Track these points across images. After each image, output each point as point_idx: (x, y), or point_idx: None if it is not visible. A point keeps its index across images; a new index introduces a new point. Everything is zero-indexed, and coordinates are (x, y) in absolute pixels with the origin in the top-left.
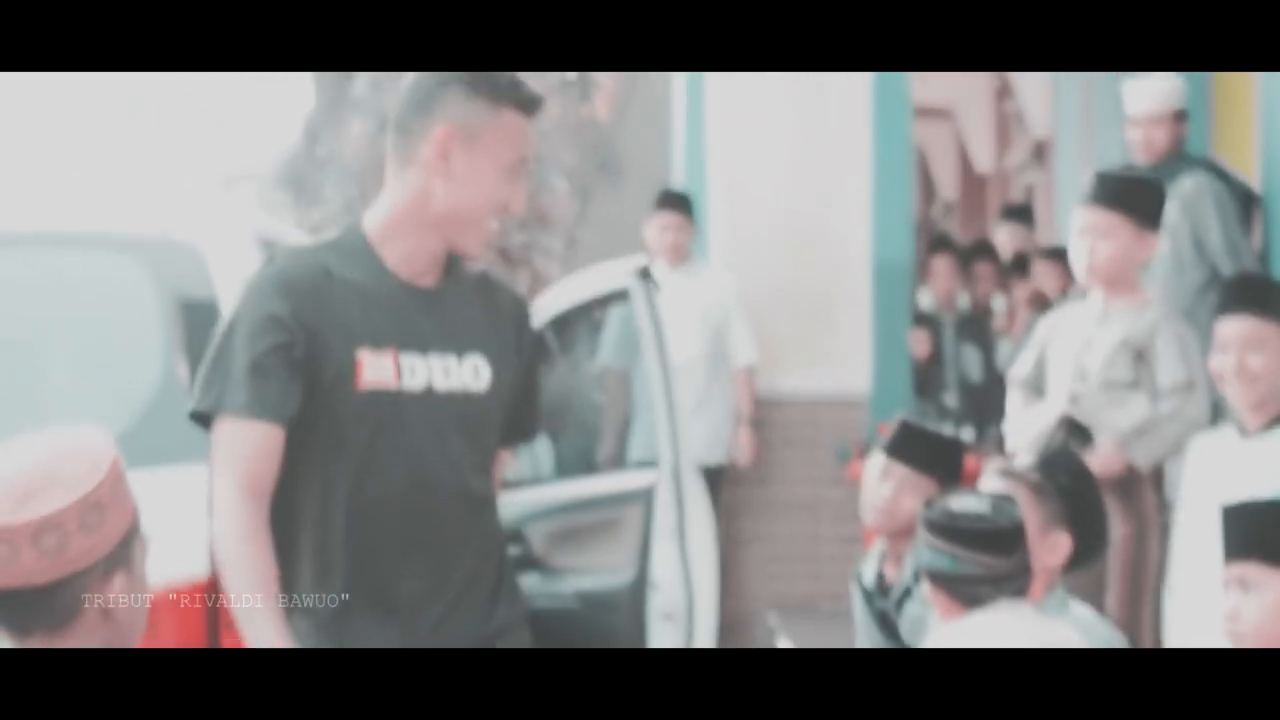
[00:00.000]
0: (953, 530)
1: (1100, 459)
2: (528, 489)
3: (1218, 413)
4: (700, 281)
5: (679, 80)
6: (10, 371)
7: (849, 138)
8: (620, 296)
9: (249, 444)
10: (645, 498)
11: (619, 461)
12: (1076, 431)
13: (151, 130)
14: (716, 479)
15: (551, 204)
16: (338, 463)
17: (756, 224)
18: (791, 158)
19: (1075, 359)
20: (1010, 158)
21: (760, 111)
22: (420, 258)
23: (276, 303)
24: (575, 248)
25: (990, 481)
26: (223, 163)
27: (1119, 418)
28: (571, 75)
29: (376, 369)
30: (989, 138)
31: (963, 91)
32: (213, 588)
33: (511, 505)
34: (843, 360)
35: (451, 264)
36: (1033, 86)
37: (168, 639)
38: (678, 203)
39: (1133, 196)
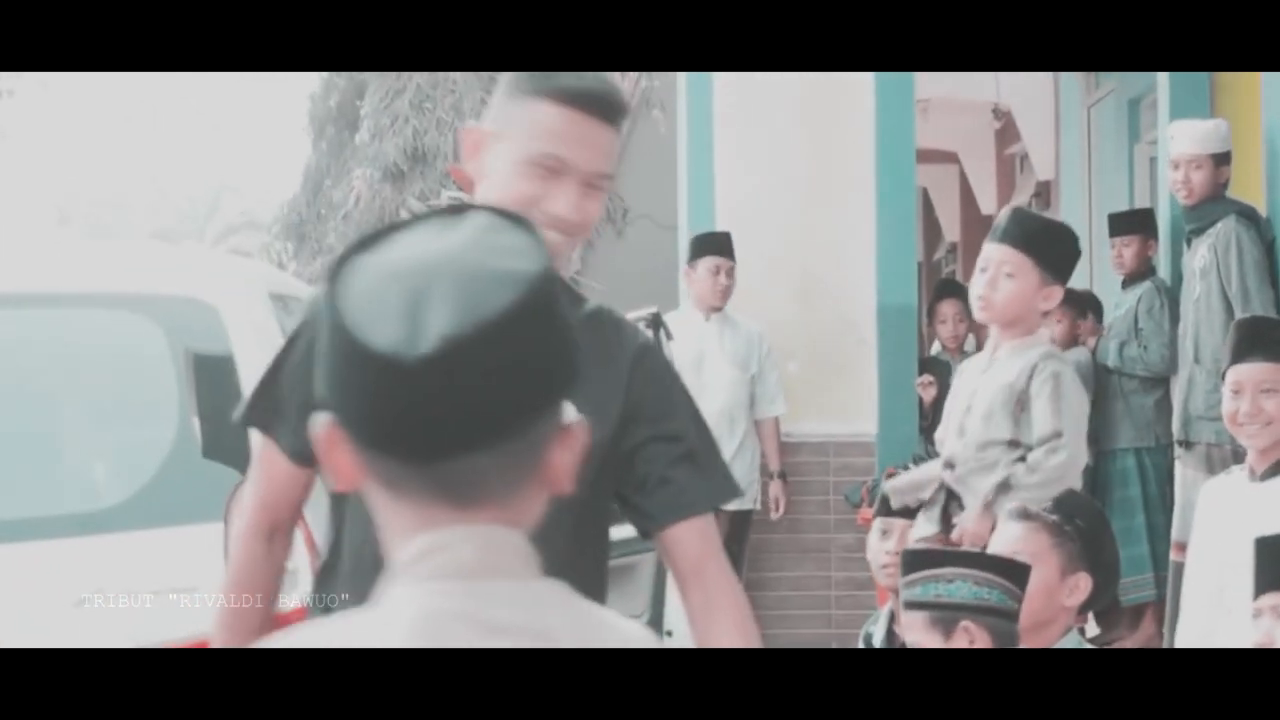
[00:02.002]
0: (1005, 565)
1: (966, 528)
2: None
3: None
4: (734, 331)
5: (683, 125)
6: (29, 428)
7: (854, 182)
8: None
9: (278, 478)
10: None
11: None
12: (953, 498)
13: (154, 173)
14: (742, 525)
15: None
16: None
17: (762, 269)
18: (797, 202)
19: (959, 417)
20: (1014, 200)
21: (766, 157)
22: None
23: (307, 351)
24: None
25: (1008, 523)
26: (225, 213)
27: (985, 482)
28: None
29: None
30: (993, 180)
31: (967, 134)
32: None
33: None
34: (850, 404)
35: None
36: (1036, 129)
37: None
38: (726, 245)
39: (1046, 241)
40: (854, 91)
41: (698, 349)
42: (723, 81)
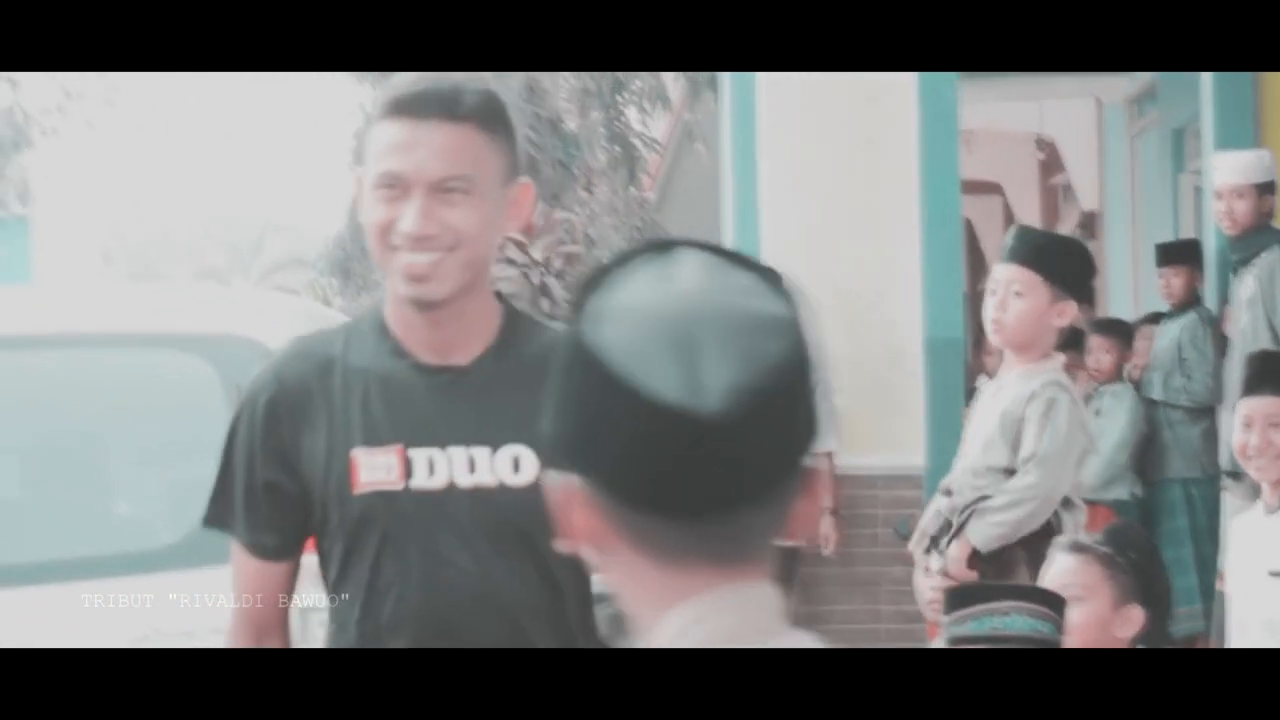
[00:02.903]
0: (1050, 597)
1: (949, 556)
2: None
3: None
4: None
5: (727, 159)
6: (80, 467)
7: (899, 214)
8: None
9: (249, 576)
10: None
11: None
12: (947, 528)
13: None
14: (792, 560)
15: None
16: (345, 583)
17: (814, 303)
18: (842, 235)
19: (968, 443)
20: (1059, 230)
21: (810, 189)
22: (437, 331)
23: (262, 425)
24: None
25: (1061, 556)
26: (270, 250)
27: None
28: (618, 154)
29: (375, 469)
30: (1037, 211)
31: (1010, 165)
32: None
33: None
34: (898, 437)
35: (508, 332)
36: (1080, 159)
37: None
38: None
39: (1053, 257)
40: (899, 123)
41: None
42: (767, 114)
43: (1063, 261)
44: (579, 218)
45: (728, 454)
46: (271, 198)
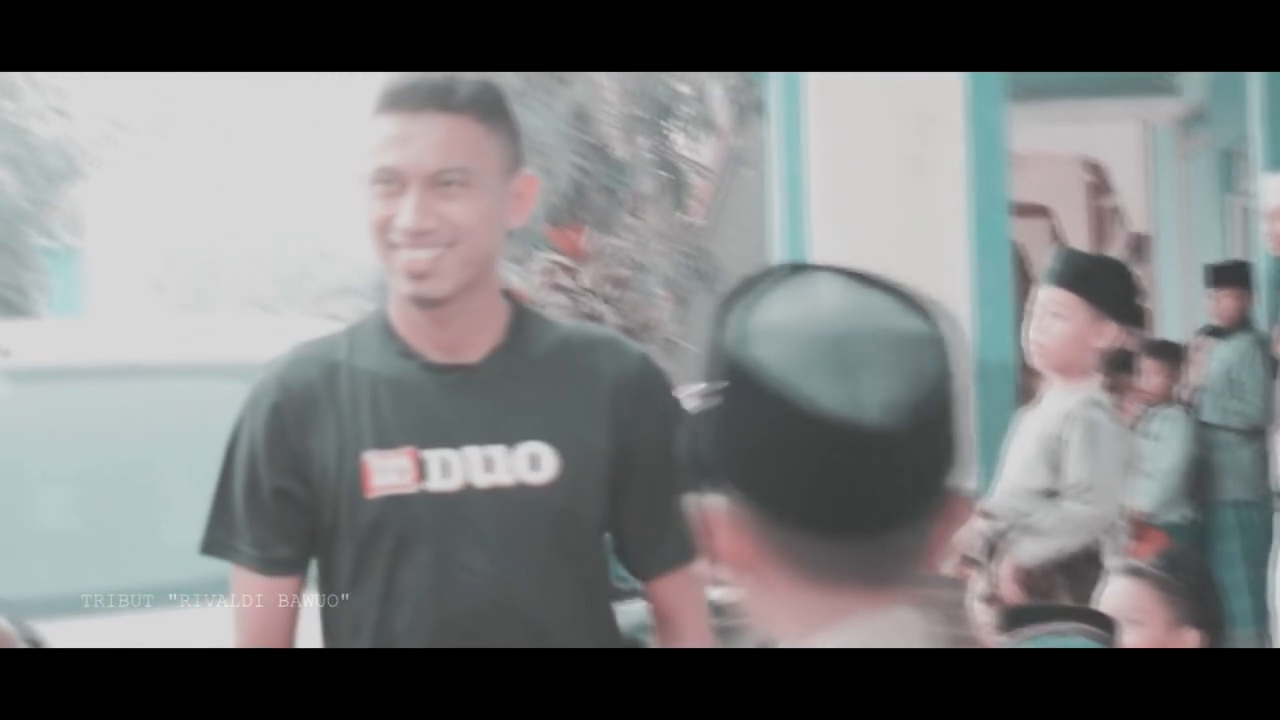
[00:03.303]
0: (1103, 619)
1: (999, 577)
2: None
3: None
4: None
5: (776, 183)
6: (135, 497)
7: (948, 238)
8: None
9: (256, 594)
10: None
11: None
12: (989, 550)
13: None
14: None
15: (651, 312)
16: (358, 589)
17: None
18: (891, 259)
19: (1007, 465)
20: (1108, 253)
21: (858, 213)
22: (442, 330)
23: (268, 432)
24: (675, 354)
25: (1117, 579)
26: (319, 279)
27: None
28: (666, 180)
29: (388, 472)
30: (1086, 233)
31: (1058, 187)
32: None
33: (632, 615)
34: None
35: (516, 329)
36: (1129, 181)
37: None
38: None
39: (1094, 278)
40: (946, 146)
41: None
42: (815, 139)
43: (1103, 283)
44: (628, 244)
45: (886, 470)
46: (320, 226)
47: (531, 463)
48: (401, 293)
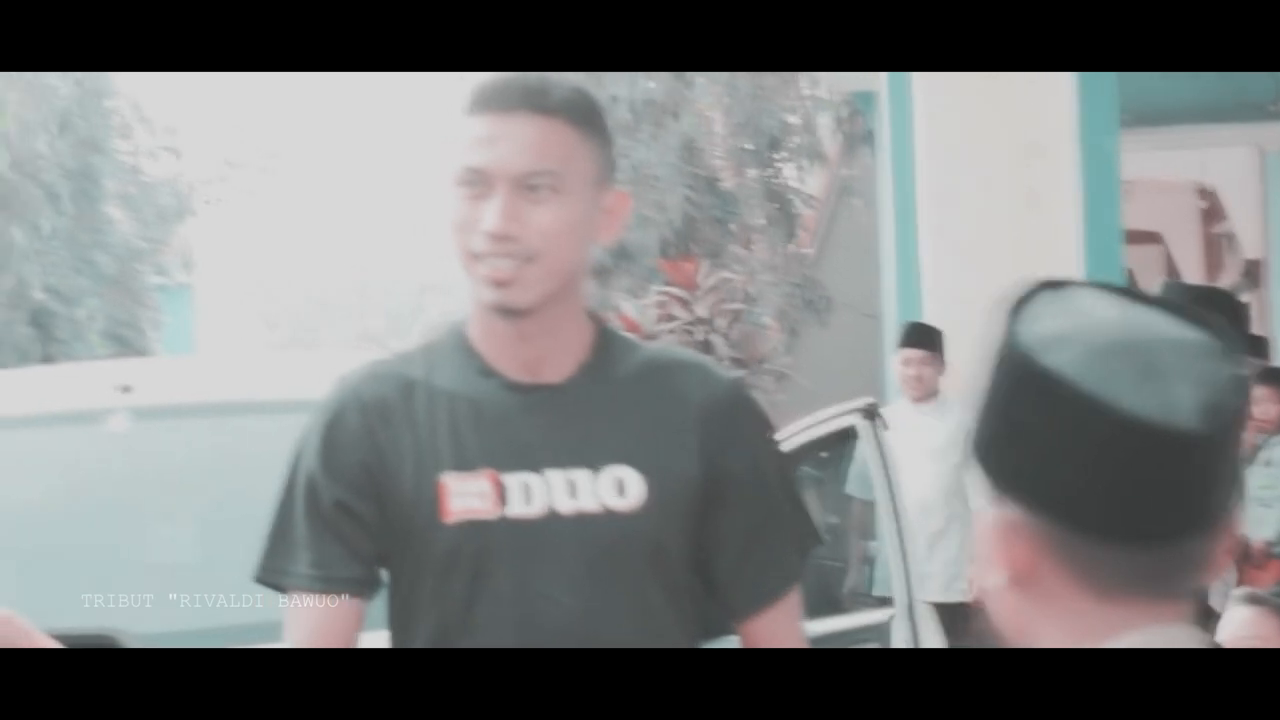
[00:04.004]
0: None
1: None
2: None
3: None
4: (944, 419)
5: (886, 213)
6: (248, 534)
7: (1060, 264)
8: (850, 435)
9: (312, 623)
10: (881, 635)
11: (862, 594)
12: None
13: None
14: (958, 616)
15: (762, 343)
16: (431, 622)
17: (973, 356)
18: (1004, 287)
19: None
20: (1222, 279)
21: (969, 242)
22: (525, 346)
23: (331, 440)
24: (785, 385)
25: (1237, 607)
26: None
27: None
28: (776, 211)
29: (467, 495)
30: (1199, 260)
31: (1171, 214)
32: None
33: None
34: None
35: (601, 349)
36: (1243, 207)
37: None
38: (916, 337)
39: (1199, 310)
40: (1059, 173)
41: (901, 439)
42: (926, 169)
43: (1210, 315)
44: (740, 276)
45: (1191, 475)
46: (429, 259)
47: (618, 488)
48: (483, 302)
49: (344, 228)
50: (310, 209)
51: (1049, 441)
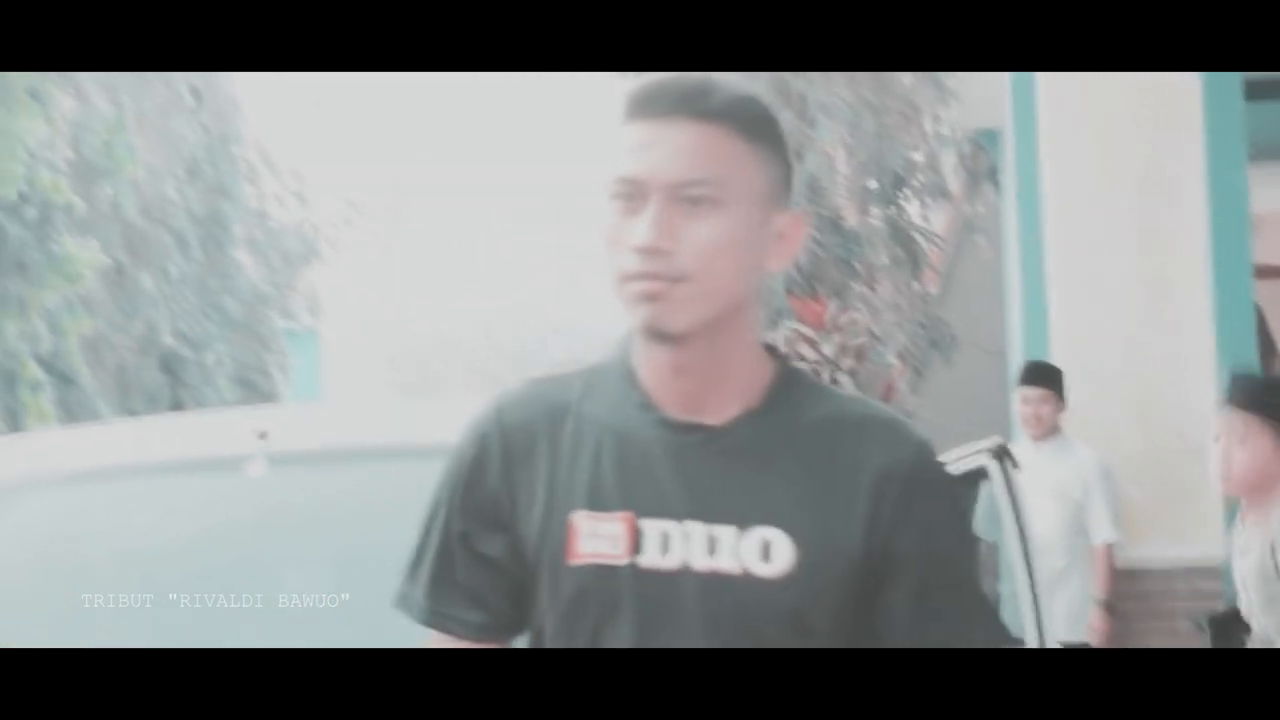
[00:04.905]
0: None
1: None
2: None
3: None
4: (1063, 458)
5: (1012, 251)
6: (383, 580)
7: (1189, 303)
8: (980, 475)
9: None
10: None
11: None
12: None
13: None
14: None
15: (888, 383)
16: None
17: (1101, 394)
18: (1133, 326)
19: (1239, 568)
20: None
21: (1096, 279)
22: (681, 379)
23: (471, 471)
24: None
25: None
26: (551, 354)
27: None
28: (900, 252)
29: (597, 537)
30: None
31: None
32: None
33: None
34: (1196, 528)
35: (778, 394)
36: None
37: None
38: (1036, 376)
39: (1272, 398)
40: (1187, 210)
41: (1023, 477)
42: (1051, 206)
43: None
44: (865, 315)
45: None
46: (553, 300)
47: (763, 552)
48: (636, 325)
49: (468, 269)
50: (434, 251)
51: None
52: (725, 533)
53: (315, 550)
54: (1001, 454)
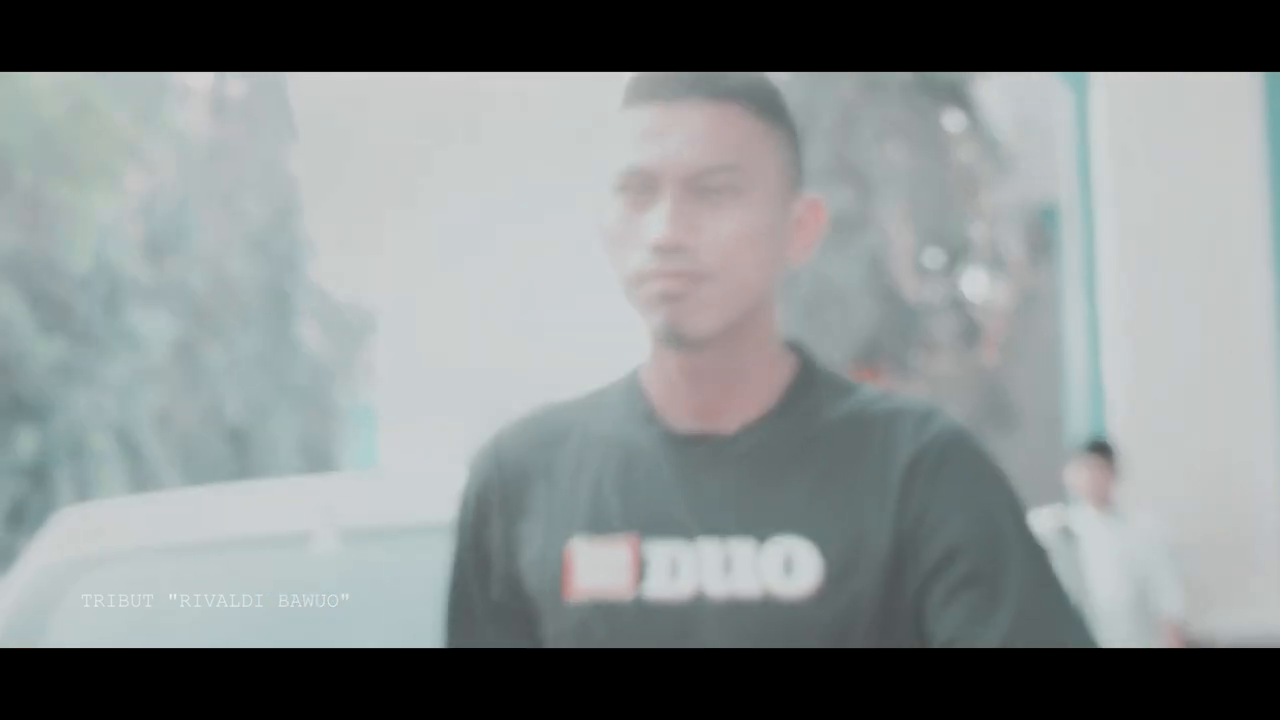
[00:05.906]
0: None
1: None
2: None
3: None
4: (1124, 529)
5: (1071, 322)
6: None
7: (1250, 374)
8: None
9: None
10: None
11: None
12: None
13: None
14: None
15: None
16: None
17: (1164, 464)
18: (1193, 395)
19: None
20: None
21: (1156, 352)
22: (697, 388)
23: (465, 520)
24: None
25: None
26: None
27: None
28: (958, 324)
29: (597, 569)
30: None
31: None
32: None
33: None
34: (1264, 599)
35: (797, 394)
36: None
37: None
38: (1091, 446)
39: None
40: (1247, 267)
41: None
42: (1111, 278)
43: None
44: (925, 387)
45: None
46: (608, 369)
47: (784, 566)
48: (653, 331)
49: (523, 335)
50: (490, 319)
51: None
52: (741, 547)
53: (385, 626)
54: (1063, 531)
